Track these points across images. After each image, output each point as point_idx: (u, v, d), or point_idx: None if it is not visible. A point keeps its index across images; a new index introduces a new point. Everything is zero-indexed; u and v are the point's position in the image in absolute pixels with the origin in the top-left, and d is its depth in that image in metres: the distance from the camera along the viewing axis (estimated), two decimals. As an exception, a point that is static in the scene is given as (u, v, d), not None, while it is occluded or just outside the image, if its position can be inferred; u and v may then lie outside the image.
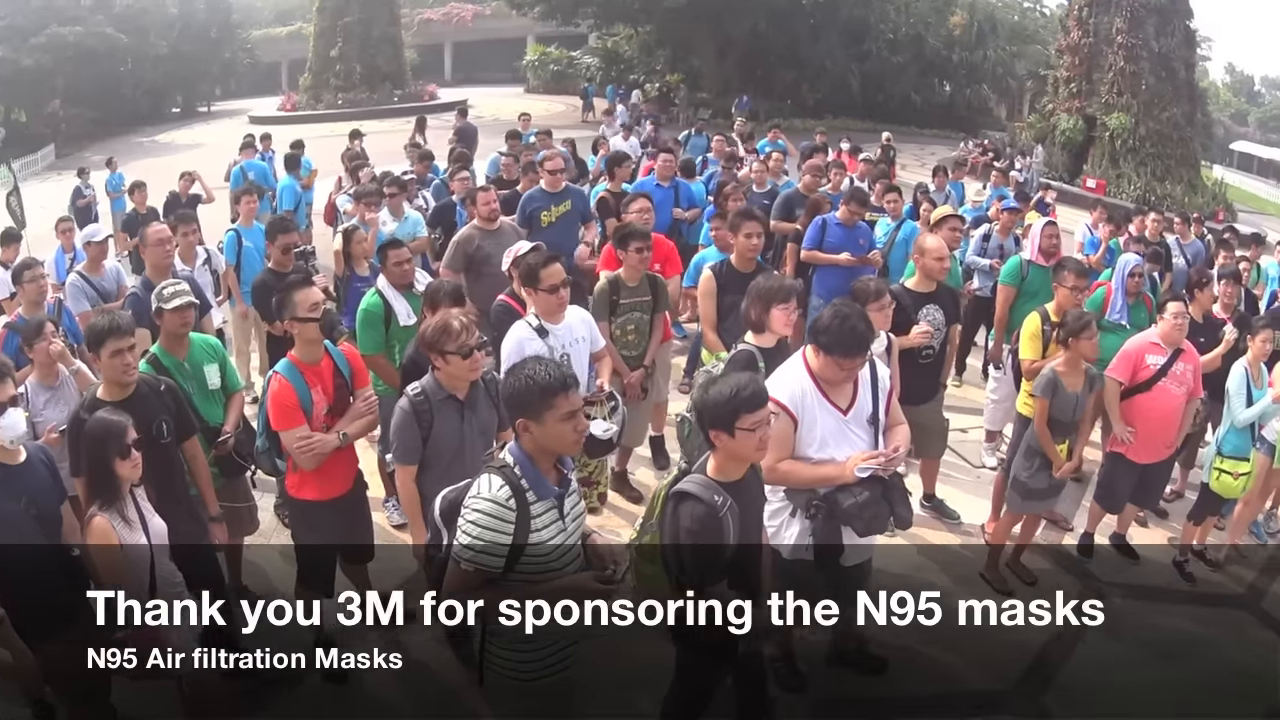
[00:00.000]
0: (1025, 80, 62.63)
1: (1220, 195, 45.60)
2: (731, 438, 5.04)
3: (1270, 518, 11.02)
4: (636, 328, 9.03)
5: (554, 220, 11.85)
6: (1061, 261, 9.73)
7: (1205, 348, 9.67)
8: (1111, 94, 42.18)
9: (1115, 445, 9.08)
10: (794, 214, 13.07)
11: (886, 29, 56.34)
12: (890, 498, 6.02)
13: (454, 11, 67.28)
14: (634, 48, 56.34)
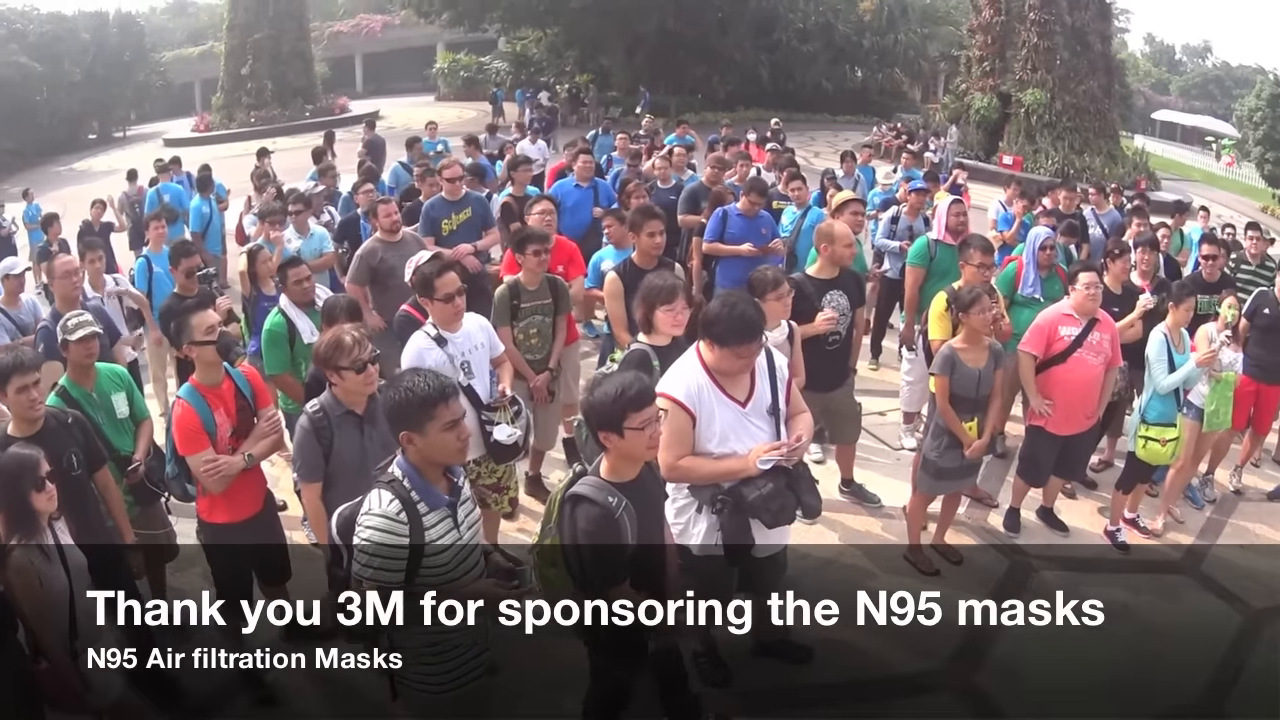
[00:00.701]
0: (938, 62, 63.28)
1: (1142, 165, 46.28)
2: (621, 438, 5.07)
3: (1206, 482, 11.16)
4: (539, 331, 9.03)
5: (455, 228, 11.89)
6: (967, 240, 9.81)
7: (1123, 316, 9.80)
8: (1026, 70, 42.70)
9: (1035, 419, 9.15)
10: (699, 207, 13.14)
11: (796, 18, 56.82)
12: (796, 487, 6.03)
13: (363, 23, 67.42)
14: (543, 50, 56.83)
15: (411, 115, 42.35)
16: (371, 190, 14.19)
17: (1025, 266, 10.69)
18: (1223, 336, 9.70)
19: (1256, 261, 13.01)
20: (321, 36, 61.75)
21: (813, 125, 54.86)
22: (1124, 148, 48.68)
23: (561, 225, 12.43)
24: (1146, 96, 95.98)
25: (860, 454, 10.18)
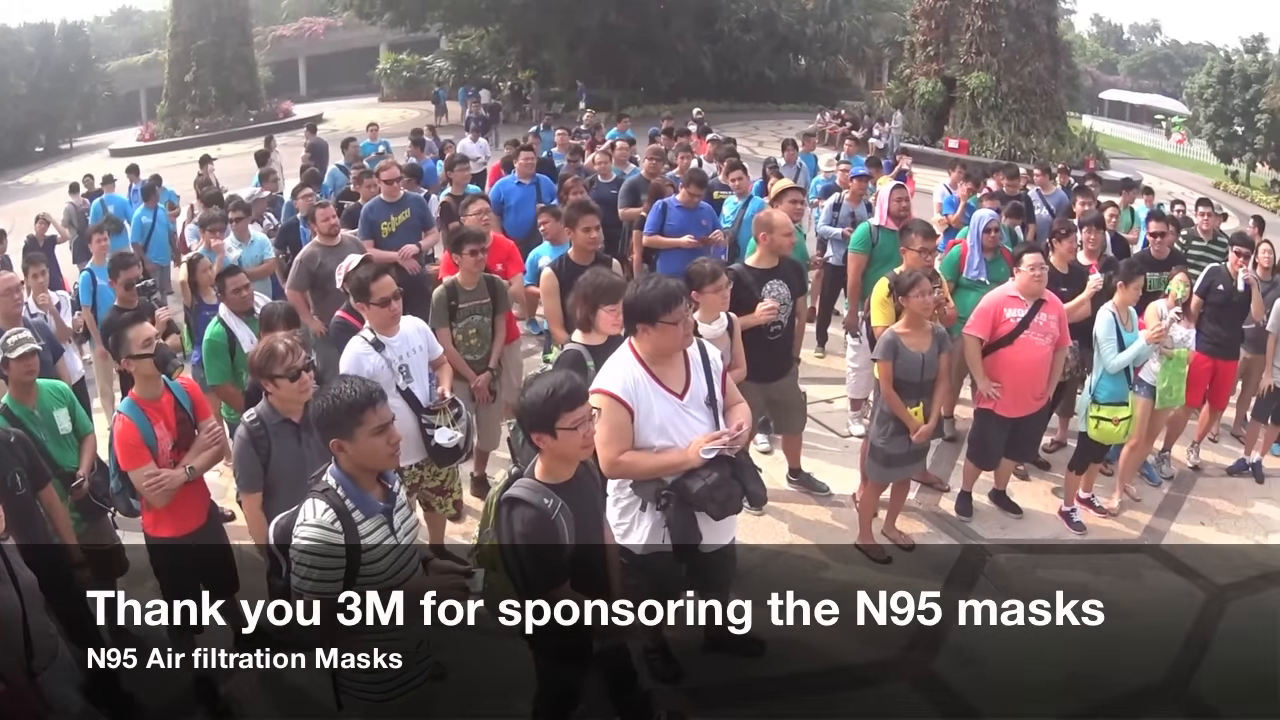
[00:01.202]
0: (883, 48, 63.71)
1: (1089, 144, 46.75)
2: (554, 439, 5.06)
3: (1162, 459, 11.25)
4: (478, 331, 9.07)
5: (394, 230, 11.88)
6: (908, 225, 9.80)
7: (1071, 296, 9.84)
8: (970, 54, 43.05)
9: (983, 402, 9.19)
10: (639, 200, 13.22)
11: (738, 8, 57.10)
12: (741, 476, 6.00)
13: (306, 26, 67.62)
14: (485, 47, 57.12)
15: (355, 117, 42.43)
16: (311, 195, 14.16)
17: (970, 250, 10.75)
18: (1173, 314, 9.76)
19: (1208, 238, 13.11)
20: (265, 41, 61.79)
21: (756, 115, 55.08)
22: (1071, 128, 49.15)
23: (505, 223, 12.47)
24: (1094, 77, 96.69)
25: (808, 442, 10.22)
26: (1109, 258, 11.17)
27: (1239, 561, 9.62)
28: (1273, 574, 9.53)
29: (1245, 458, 11.90)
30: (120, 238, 15.49)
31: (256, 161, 20.64)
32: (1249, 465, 11.85)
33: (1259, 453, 11.87)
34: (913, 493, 9.61)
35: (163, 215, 17.89)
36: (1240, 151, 61.20)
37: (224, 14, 50.77)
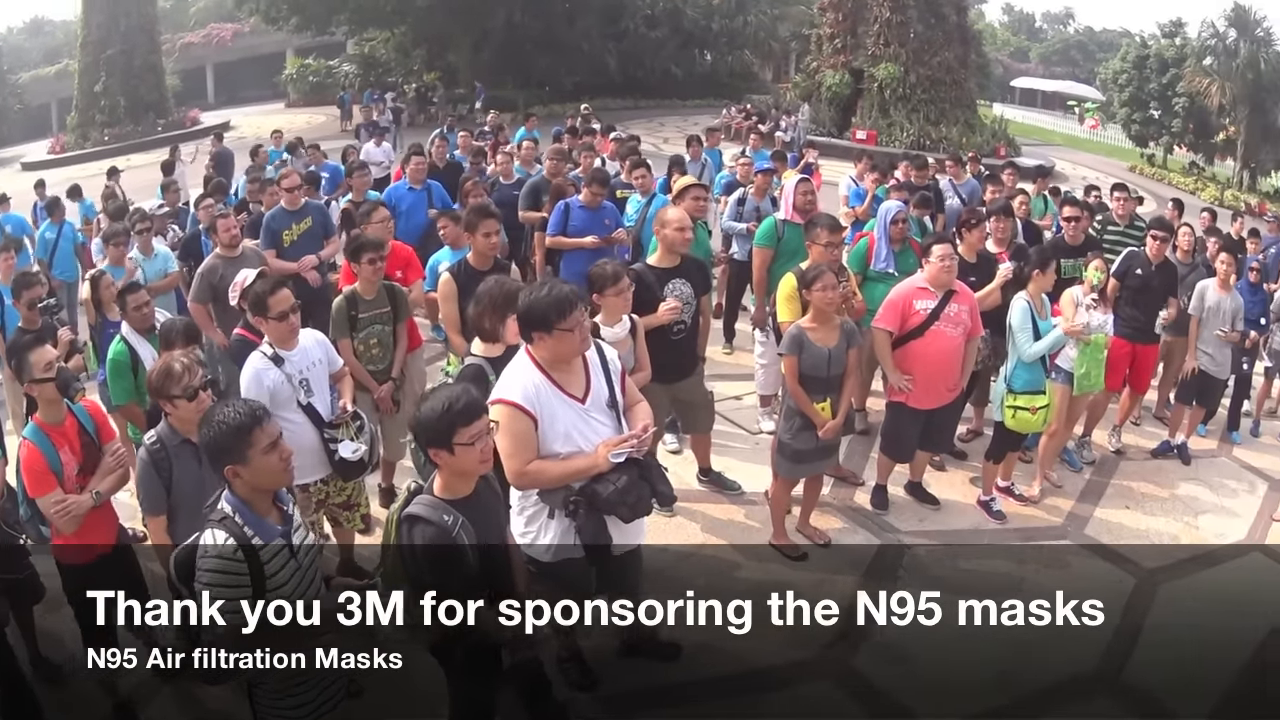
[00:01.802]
0: (789, 41, 64.23)
1: (1000, 132, 47.40)
2: (452, 454, 5.01)
3: (1083, 444, 11.35)
4: (380, 341, 8.99)
5: (296, 239, 11.79)
6: (813, 219, 9.75)
7: (981, 285, 9.86)
8: (879, 45, 43.54)
9: (895, 395, 9.17)
10: (540, 202, 13.11)
11: (643, 5, 57.83)
12: (649, 477, 5.95)
13: (214, 32, 66.99)
14: (391, 50, 57.36)
15: (263, 124, 42.37)
16: (212, 205, 13.89)
17: (877, 241, 10.73)
18: (1089, 299, 9.83)
19: (1125, 222, 13.18)
20: (173, 49, 61.42)
21: (662, 111, 55.36)
22: (982, 116, 49.73)
23: (397, 229, 12.37)
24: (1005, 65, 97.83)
25: (718, 440, 10.19)
26: (1020, 245, 11.21)
27: (1168, 545, 9.71)
28: (1203, 556, 9.60)
29: (1169, 440, 12.05)
30: (23, 255, 15.24)
31: (162, 172, 20.49)
32: (1174, 447, 11.98)
33: (1183, 435, 12.02)
34: (827, 487, 9.59)
35: (69, 230, 17.44)
36: (1157, 135, 62.36)
37: (133, 23, 50.38)
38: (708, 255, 10.80)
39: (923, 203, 12.88)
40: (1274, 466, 12.30)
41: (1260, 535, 10.45)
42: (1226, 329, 11.51)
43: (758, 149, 18.70)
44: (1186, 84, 57.00)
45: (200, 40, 66.71)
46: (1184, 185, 53.27)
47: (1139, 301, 11.26)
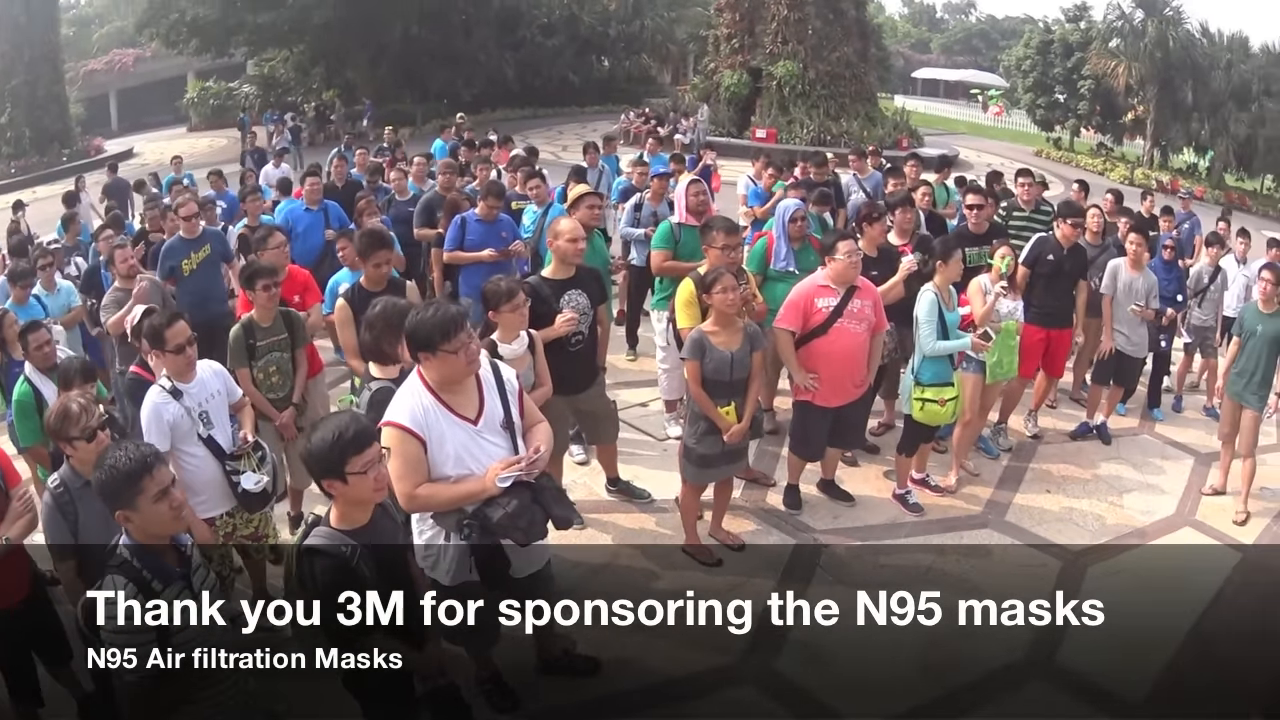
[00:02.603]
0: (687, 44, 64.81)
1: (902, 124, 48.16)
2: (345, 484, 4.92)
3: (999, 431, 11.42)
4: (279, 368, 8.94)
5: (195, 267, 11.67)
6: (708, 222, 9.73)
7: (884, 279, 9.88)
8: (776, 43, 43.98)
9: (801, 394, 9.16)
10: (435, 218, 13.01)
11: (540, 13, 58.61)
12: (542, 500, 5.88)
13: (116, 58, 66.69)
14: (290, 69, 57.65)
15: (166, 149, 41.96)
16: (112, 236, 13.74)
17: (776, 240, 10.69)
18: (997, 288, 9.89)
19: (1030, 207, 13.22)
20: (76, 77, 61.18)
21: (561, 119, 55.75)
22: (883, 109, 50.58)
23: (293, 251, 12.31)
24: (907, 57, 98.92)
25: (626, 448, 10.17)
26: (923, 236, 11.27)
27: (1094, 526, 9.78)
28: (1131, 535, 9.71)
29: (1088, 421, 12.16)
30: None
31: (64, 204, 20.37)
32: (1093, 428, 12.09)
33: (1102, 415, 12.12)
34: (738, 490, 9.56)
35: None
36: (1063, 119, 63.35)
37: (36, 52, 50.14)
38: (605, 264, 10.78)
39: (821, 199, 12.81)
40: (1199, 441, 12.44)
41: (1190, 510, 10.56)
42: (1141, 304, 11.57)
43: (655, 153, 18.61)
44: (1092, 66, 57.84)
45: (103, 67, 66.51)
46: (1092, 167, 53.91)
47: (1052, 287, 11.35)
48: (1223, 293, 13.85)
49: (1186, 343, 14.04)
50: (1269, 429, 12.67)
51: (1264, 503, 10.84)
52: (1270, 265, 10.94)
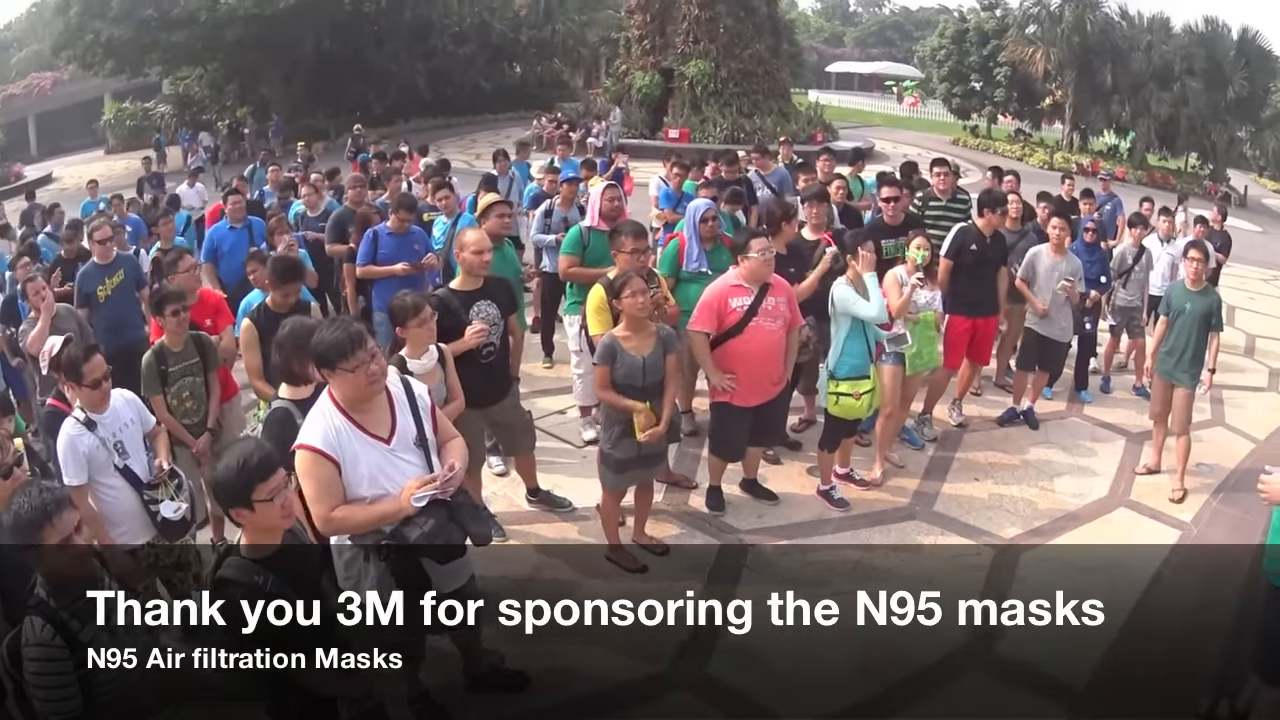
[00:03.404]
0: (599, 46, 65.37)
1: (816, 118, 48.71)
2: (253, 512, 4.91)
3: (924, 422, 11.48)
4: (192, 393, 8.83)
5: (110, 293, 11.55)
6: (617, 227, 9.64)
7: (798, 275, 9.89)
8: (688, 43, 44.31)
9: (718, 395, 9.10)
10: (347, 233, 13.01)
11: (451, 22, 58.88)
12: (459, 518, 5.85)
13: (34, 82, 66.41)
14: (204, 87, 57.59)
15: (84, 173, 41.90)
16: (28, 264, 13.66)
17: (687, 241, 10.63)
18: (914, 279, 9.92)
19: (946, 197, 13.24)
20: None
21: (474, 127, 56.35)
22: (797, 104, 51.12)
23: (220, 271, 12.23)
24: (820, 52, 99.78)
25: (545, 457, 10.13)
26: (836, 230, 11.24)
27: (1025, 512, 9.81)
28: (1064, 519, 9.75)
29: (1014, 407, 12.23)
30: None
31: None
32: (1020, 413, 12.15)
33: (1029, 400, 12.18)
34: (659, 494, 9.55)
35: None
36: (979, 107, 64.13)
37: (-43, 81, 49.68)
38: (516, 272, 10.69)
39: (733, 198, 12.76)
40: (1129, 421, 12.56)
41: (1124, 491, 10.63)
42: (1071, 280, 11.64)
43: (566, 158, 18.64)
44: (1009, 54, 58.73)
45: (21, 91, 66.23)
46: (1010, 153, 54.65)
47: (975, 276, 11.40)
48: (1147, 272, 14.04)
49: (1112, 324, 14.19)
50: (1203, 405, 12.80)
51: (1201, 479, 10.95)
52: (1197, 243, 11.07)
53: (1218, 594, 8.33)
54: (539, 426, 10.62)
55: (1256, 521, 9.11)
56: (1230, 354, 16.55)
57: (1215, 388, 12.98)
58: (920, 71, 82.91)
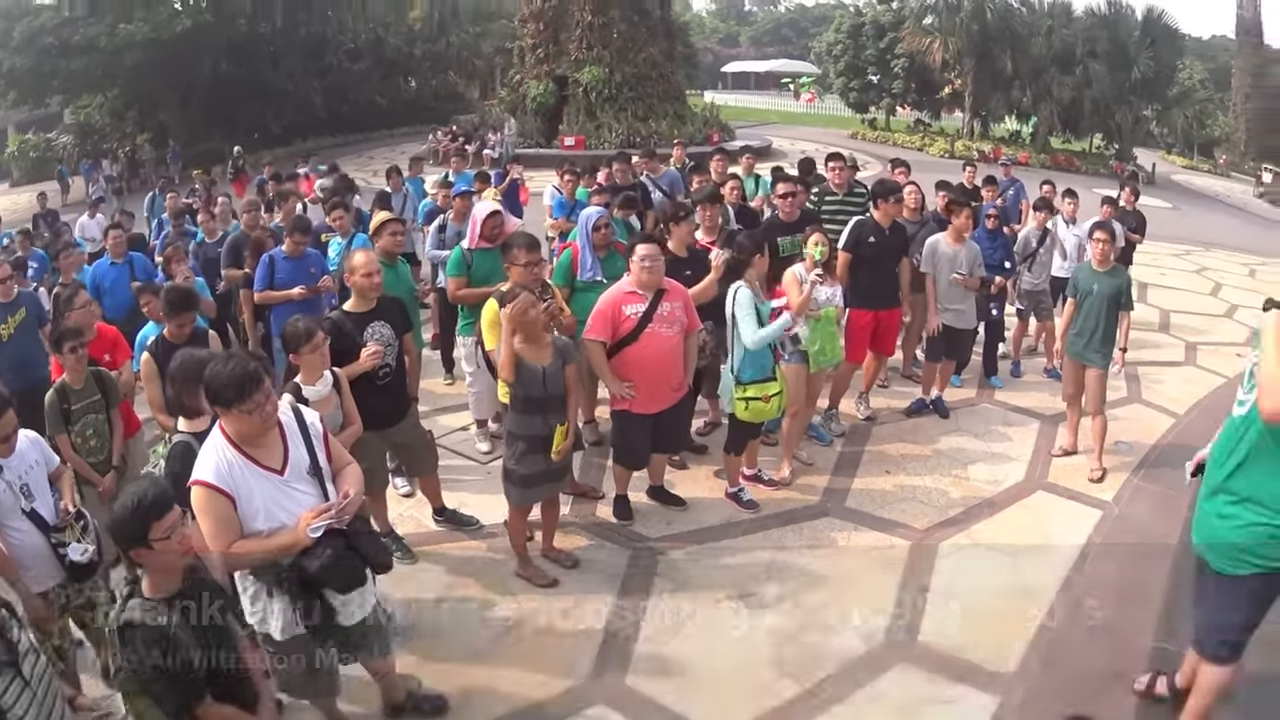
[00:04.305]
0: (493, 57, 65.59)
1: (712, 119, 49.03)
2: (151, 551, 4.86)
3: (831, 417, 11.52)
4: (96, 431, 8.75)
5: (12, 332, 11.30)
6: (508, 240, 9.51)
7: (696, 278, 9.78)
8: (581, 50, 44.48)
9: (618, 403, 9.06)
10: (242, 258, 12.96)
11: (346, 38, 59.40)
12: (358, 546, 5.81)
13: None
14: (105, 115, 57.17)
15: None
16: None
17: (581, 250, 10.60)
18: (813, 276, 9.85)
19: (842, 191, 13.31)
20: None
21: (371, 144, 56.42)
22: (692, 106, 51.38)
23: (105, 308, 12.07)
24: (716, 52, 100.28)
25: (451, 476, 10.08)
26: (730, 231, 11.03)
27: (939, 501, 9.82)
28: (979, 505, 9.78)
29: (923, 397, 12.32)
30: None
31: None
32: (929, 403, 12.22)
33: (937, 389, 12.23)
34: (566, 507, 9.51)
35: None
36: (877, 99, 64.72)
37: None
38: (410, 291, 10.58)
39: (626, 203, 12.74)
40: (1042, 404, 12.68)
41: (1041, 474, 10.70)
42: (964, 273, 11.71)
43: (460, 171, 18.53)
44: (906, 45, 59.46)
45: (-72, 128, 65.62)
46: (910, 144, 55.20)
47: (875, 269, 11.44)
48: (1052, 255, 14.13)
49: (1019, 308, 14.26)
50: (1119, 383, 12.90)
51: (1121, 457, 11.08)
52: (1103, 224, 11.12)
53: (1147, 571, 8.42)
54: (442, 444, 10.62)
55: (1180, 497, 9.23)
56: (1145, 330, 16.83)
57: (1131, 365, 13.11)
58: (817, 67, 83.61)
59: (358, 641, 6.12)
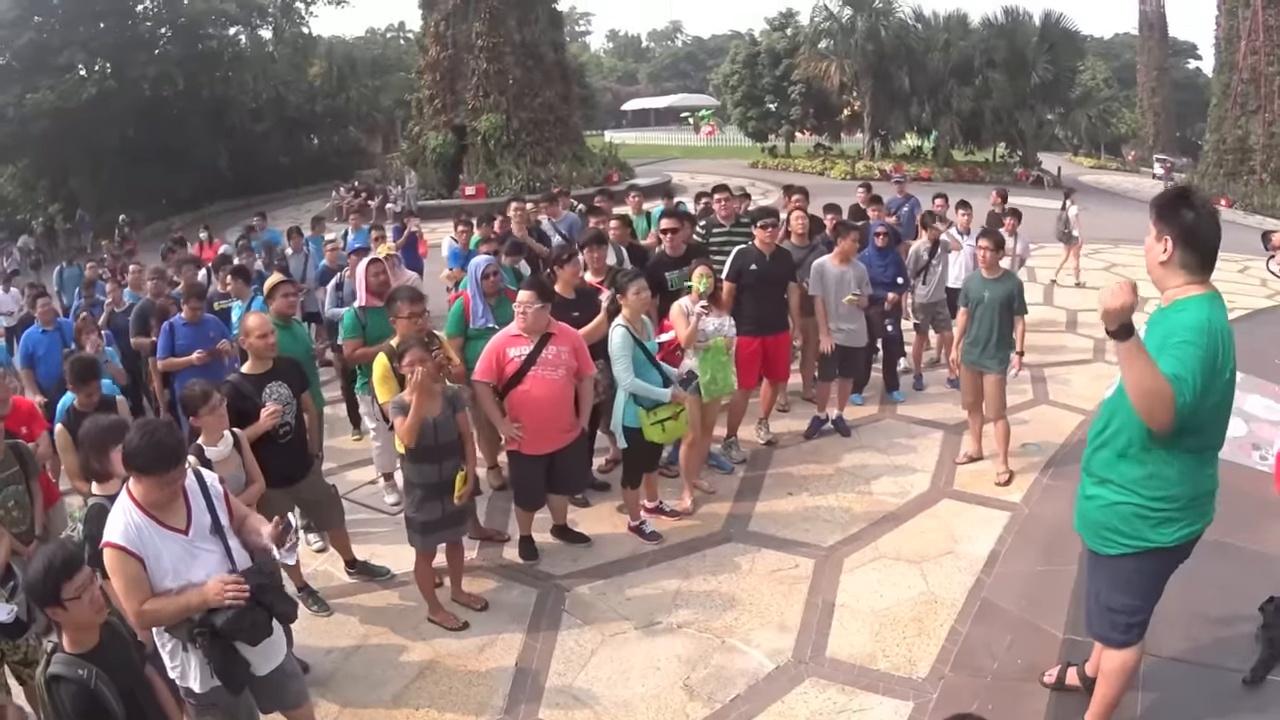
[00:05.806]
0: (393, 110, 65.21)
1: (612, 158, 49.12)
2: (65, 610, 5.01)
3: (730, 445, 11.67)
4: (17, 502, 8.61)
5: (-68, 405, 11.47)
6: (393, 294, 9.59)
7: (586, 318, 9.95)
8: (478, 98, 44.39)
9: (510, 444, 9.15)
10: (148, 326, 13.07)
11: (247, 99, 58.93)
12: (265, 599, 5.99)
13: None
14: (16, 186, 57.44)
15: None
16: None
17: (472, 298, 10.72)
18: (699, 308, 9.93)
19: (730, 222, 13.44)
20: None
21: (276, 203, 55.55)
22: (591, 146, 51.28)
23: (39, 375, 12.15)
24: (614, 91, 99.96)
25: (361, 528, 10.23)
26: (610, 269, 11.29)
27: (843, 519, 9.93)
28: (883, 519, 9.99)
29: (819, 416, 12.48)
30: None
31: None
32: (830, 422, 12.40)
33: (836, 408, 12.39)
34: (472, 551, 9.65)
35: None
36: (776, 126, 64.75)
37: None
38: (306, 350, 10.67)
39: (513, 250, 12.92)
40: (945, 415, 12.89)
41: (946, 482, 10.89)
42: (858, 294, 11.90)
43: (359, 228, 18.65)
44: (803, 70, 59.49)
45: None
46: (811, 169, 55.35)
47: (759, 296, 11.52)
48: (945, 267, 14.29)
49: (916, 322, 14.48)
50: (1024, 386, 13.13)
51: (1030, 458, 11.32)
52: (987, 233, 11.26)
53: (1056, 566, 8.59)
54: (350, 498, 10.81)
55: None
56: (1052, 331, 17.16)
57: (1037, 367, 13.35)
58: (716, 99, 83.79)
59: (274, 691, 6.26)
